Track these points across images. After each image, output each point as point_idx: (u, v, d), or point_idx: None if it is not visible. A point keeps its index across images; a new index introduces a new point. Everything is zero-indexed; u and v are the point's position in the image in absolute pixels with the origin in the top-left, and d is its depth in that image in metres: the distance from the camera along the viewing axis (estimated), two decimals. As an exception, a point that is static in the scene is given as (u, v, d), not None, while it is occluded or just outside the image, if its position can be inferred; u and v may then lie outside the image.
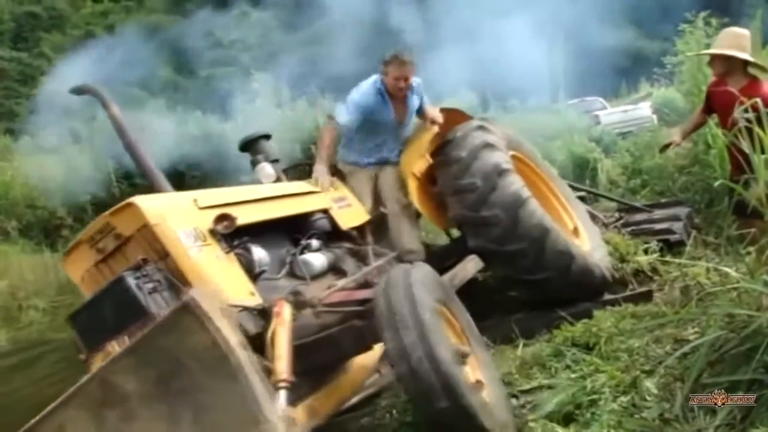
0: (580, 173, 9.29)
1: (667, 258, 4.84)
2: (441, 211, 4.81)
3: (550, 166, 5.62)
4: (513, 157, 4.91)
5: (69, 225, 18.04)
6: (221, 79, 23.60)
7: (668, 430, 2.76)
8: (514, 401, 3.41)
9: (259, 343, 2.85)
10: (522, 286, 4.58)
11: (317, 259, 4.05)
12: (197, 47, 27.65)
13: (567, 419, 3.10)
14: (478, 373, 3.27)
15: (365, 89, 4.78)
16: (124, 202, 3.30)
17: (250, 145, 4.96)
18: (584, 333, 3.84)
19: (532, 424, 3.12)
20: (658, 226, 5.58)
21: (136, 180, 17.83)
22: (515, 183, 4.48)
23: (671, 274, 4.60)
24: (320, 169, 4.65)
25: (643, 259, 4.91)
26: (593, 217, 5.77)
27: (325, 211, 4.49)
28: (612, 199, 7.08)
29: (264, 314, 3.10)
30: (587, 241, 4.95)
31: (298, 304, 3.22)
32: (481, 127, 4.80)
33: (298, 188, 4.54)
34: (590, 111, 17.21)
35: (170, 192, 4.09)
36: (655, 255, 4.96)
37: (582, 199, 6.28)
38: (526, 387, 3.55)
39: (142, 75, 26.93)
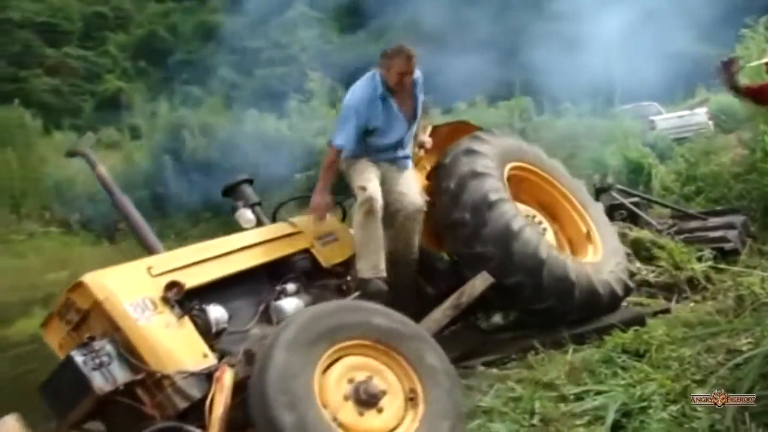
0: (635, 178, 9.20)
1: (721, 266, 4.77)
2: (439, 237, 4.73)
3: (562, 167, 5.39)
4: (516, 168, 4.78)
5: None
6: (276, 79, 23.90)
7: (717, 441, 2.74)
8: (562, 406, 3.41)
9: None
10: (527, 315, 4.51)
11: (290, 304, 4.05)
12: (255, 47, 28.07)
13: (615, 427, 3.08)
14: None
15: (361, 89, 4.43)
16: (78, 280, 3.50)
17: (231, 190, 4.91)
18: (635, 340, 3.80)
19: (581, 430, 3.13)
20: (712, 234, 5.50)
21: (191, 176, 18.27)
22: (506, 214, 4.34)
23: (725, 283, 4.54)
24: (318, 194, 4.43)
25: (697, 267, 4.86)
26: (647, 224, 5.71)
27: (307, 251, 4.44)
28: (666, 206, 6.99)
29: (210, 378, 3.20)
30: (600, 246, 4.78)
31: (249, 361, 3.25)
32: (469, 151, 4.62)
33: (276, 232, 4.51)
34: (646, 116, 16.94)
35: (157, 248, 4.19)
36: (708, 263, 4.90)
37: (636, 204, 6.22)
38: (575, 391, 3.54)
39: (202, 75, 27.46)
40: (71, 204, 19.12)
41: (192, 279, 3.65)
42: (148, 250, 4.16)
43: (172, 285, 3.48)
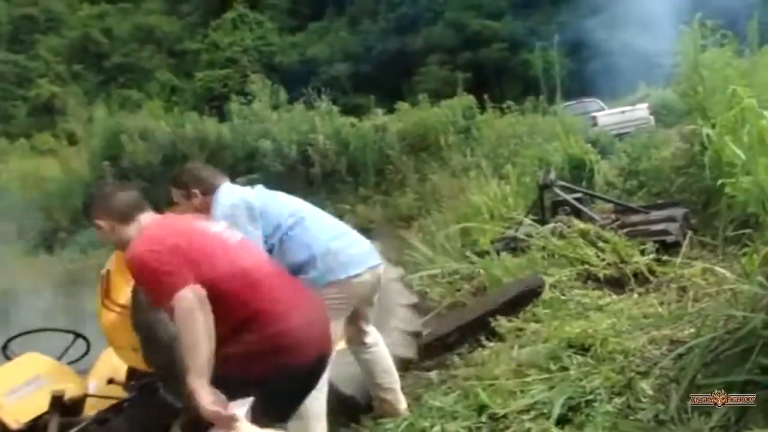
0: (578, 174, 9.29)
1: (664, 258, 4.83)
2: None
3: None
4: None
5: (66, 227, 18.11)
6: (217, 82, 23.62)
7: (663, 431, 2.75)
8: (510, 402, 3.40)
9: None
10: None
11: None
12: (194, 49, 27.72)
13: (561, 420, 3.09)
14: None
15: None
16: None
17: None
18: (580, 334, 3.83)
19: (527, 425, 3.11)
20: (654, 227, 5.56)
21: (131, 181, 17.88)
22: None
23: (668, 275, 4.59)
24: None
25: (640, 260, 4.90)
26: (590, 219, 5.75)
27: None
28: (608, 201, 7.06)
29: None
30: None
31: None
32: None
33: None
34: (588, 112, 17.19)
35: None
36: (651, 256, 4.95)
37: (578, 200, 6.26)
38: (521, 388, 3.54)
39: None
40: (6, 214, 18.52)
41: None
42: None
43: None
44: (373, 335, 3.72)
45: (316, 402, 3.22)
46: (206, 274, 2.56)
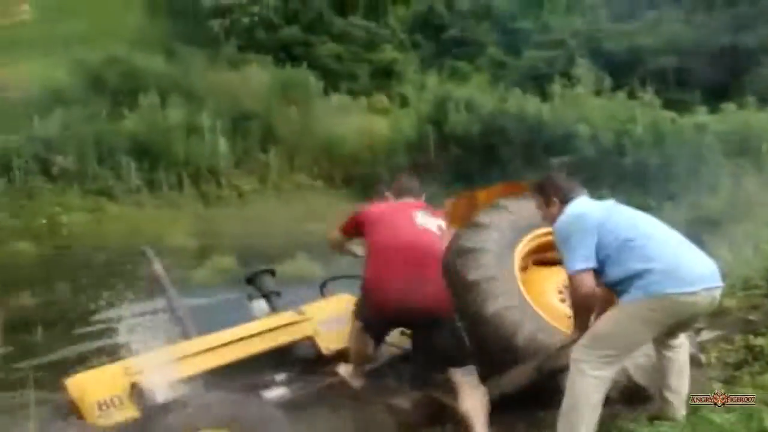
0: None
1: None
2: None
3: None
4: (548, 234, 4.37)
5: (386, 181, 19.72)
6: (543, 62, 23.85)
7: None
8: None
9: None
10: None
11: (273, 394, 4.48)
12: (525, 27, 28.15)
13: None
14: None
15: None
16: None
17: (251, 279, 5.39)
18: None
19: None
20: None
21: (450, 149, 19.01)
22: (481, 296, 4.28)
23: None
24: None
25: None
26: None
27: (310, 338, 4.79)
28: None
29: None
30: None
31: None
32: (473, 225, 4.57)
33: (280, 321, 4.86)
34: None
35: (191, 335, 4.83)
36: None
37: None
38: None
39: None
40: (337, 162, 20.62)
41: (181, 372, 4.24)
42: (185, 337, 4.82)
43: (133, 386, 4.16)
44: (681, 337, 3.78)
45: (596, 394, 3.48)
46: None
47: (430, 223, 4.57)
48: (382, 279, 4.34)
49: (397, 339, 4.93)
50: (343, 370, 4.58)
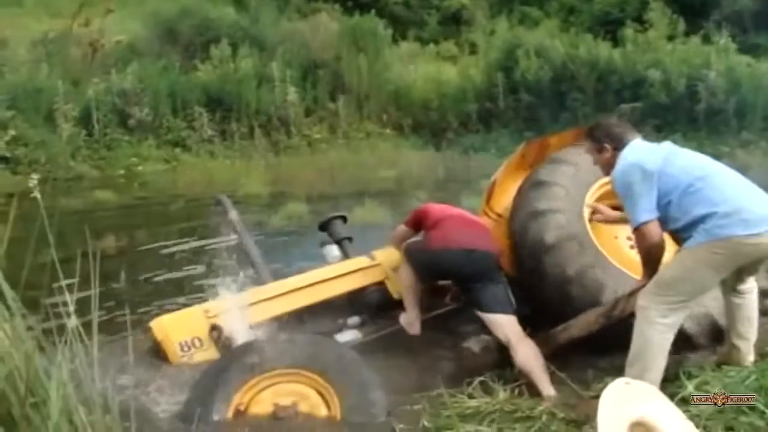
0: None
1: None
2: None
3: None
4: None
5: (454, 129, 19.69)
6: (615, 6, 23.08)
7: None
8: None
9: None
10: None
11: (345, 337, 4.61)
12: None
13: None
14: None
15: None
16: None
17: (324, 226, 5.50)
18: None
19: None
20: None
21: (520, 96, 18.76)
22: (562, 260, 4.47)
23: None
24: None
25: None
26: None
27: (381, 283, 4.85)
28: None
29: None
30: None
31: None
32: (537, 184, 4.73)
33: (353, 265, 4.96)
34: None
35: (268, 282, 4.94)
36: None
37: None
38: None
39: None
40: (406, 109, 20.63)
41: (257, 315, 4.41)
42: (260, 282, 4.93)
43: (213, 328, 4.34)
44: (749, 282, 3.77)
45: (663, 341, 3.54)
46: None
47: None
48: (449, 235, 4.58)
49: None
50: (403, 318, 4.71)
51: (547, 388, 4.01)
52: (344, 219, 5.64)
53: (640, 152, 3.67)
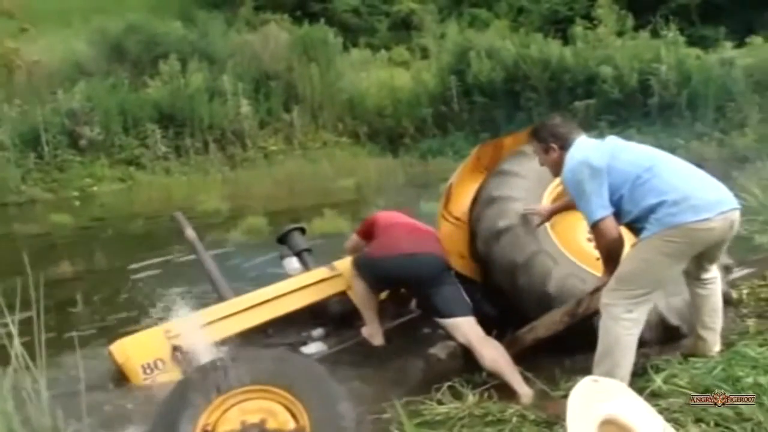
0: None
1: None
2: None
3: None
4: None
5: (411, 134, 19.71)
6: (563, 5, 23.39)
7: None
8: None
9: None
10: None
11: (310, 349, 4.60)
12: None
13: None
14: None
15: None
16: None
17: (282, 238, 5.49)
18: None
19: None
20: None
21: (474, 98, 18.85)
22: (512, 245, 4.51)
23: None
24: None
25: None
26: None
27: (343, 293, 4.87)
28: None
29: None
30: None
31: None
32: (500, 172, 4.79)
33: (314, 277, 4.96)
34: None
35: (228, 297, 4.92)
36: None
37: None
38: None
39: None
40: (361, 117, 20.61)
41: (219, 333, 4.35)
42: (220, 299, 4.94)
43: (175, 348, 4.30)
44: (712, 272, 3.78)
45: (629, 337, 3.52)
46: None
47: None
48: (390, 242, 4.62)
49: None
50: (365, 330, 4.68)
51: (521, 387, 3.99)
52: (303, 230, 5.61)
53: (587, 150, 3.67)
